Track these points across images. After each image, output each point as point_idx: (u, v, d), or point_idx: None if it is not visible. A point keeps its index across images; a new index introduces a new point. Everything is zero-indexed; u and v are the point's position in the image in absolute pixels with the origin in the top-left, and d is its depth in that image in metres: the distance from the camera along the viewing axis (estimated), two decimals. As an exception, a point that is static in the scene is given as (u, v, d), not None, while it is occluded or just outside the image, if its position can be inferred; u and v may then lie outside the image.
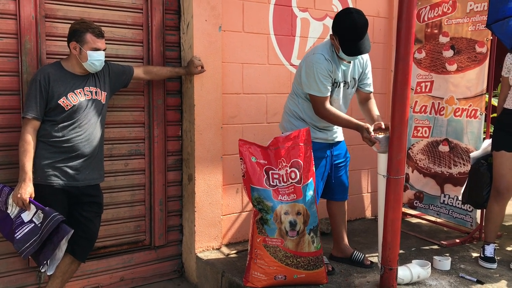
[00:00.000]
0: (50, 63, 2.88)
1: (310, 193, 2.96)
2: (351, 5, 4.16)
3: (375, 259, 3.44)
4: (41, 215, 2.69)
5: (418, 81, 4.39)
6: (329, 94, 2.98)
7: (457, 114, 4.04)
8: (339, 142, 3.28)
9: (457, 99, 4.04)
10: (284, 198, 2.92)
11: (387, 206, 2.81)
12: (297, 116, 3.14)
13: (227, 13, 3.53)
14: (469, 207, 3.94)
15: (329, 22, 4.05)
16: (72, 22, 2.93)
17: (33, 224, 2.71)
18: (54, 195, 2.78)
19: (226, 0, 3.51)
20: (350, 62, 3.08)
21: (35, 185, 2.71)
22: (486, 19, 3.61)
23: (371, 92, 3.28)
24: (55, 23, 3.06)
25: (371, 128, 2.89)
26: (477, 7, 3.86)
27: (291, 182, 2.93)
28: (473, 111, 3.90)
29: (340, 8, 4.10)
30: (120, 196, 3.41)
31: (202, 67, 3.36)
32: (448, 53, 4.10)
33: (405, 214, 4.60)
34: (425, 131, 4.32)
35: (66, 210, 2.84)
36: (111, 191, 3.34)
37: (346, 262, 3.34)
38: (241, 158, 2.98)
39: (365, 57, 3.20)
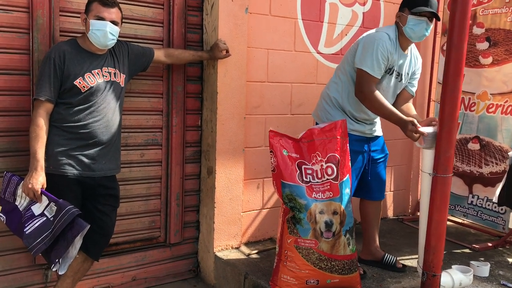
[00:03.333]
0: (65, 40, 2.61)
1: (346, 191, 2.72)
2: (381, -8, 3.92)
3: (406, 262, 3.22)
4: (54, 208, 2.42)
5: (447, 75, 4.15)
6: (379, 77, 2.77)
7: (490, 110, 3.82)
8: (377, 137, 3.05)
9: (491, 94, 3.82)
10: (319, 195, 2.68)
11: (432, 207, 2.57)
12: (335, 104, 2.91)
13: (254, -6, 3.27)
14: (501, 209, 3.74)
15: (358, 8, 3.81)
16: (88, -3, 2.67)
17: (45, 218, 2.44)
18: (67, 186, 2.51)
19: (254, -21, 3.25)
20: (406, 53, 2.92)
21: (47, 174, 2.44)
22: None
23: (413, 96, 3.10)
24: (70, -3, 2.79)
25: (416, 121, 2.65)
26: (518, -4, 3.63)
27: (327, 179, 2.68)
28: (510, 107, 3.68)
29: (369, -6, 3.86)
30: (134, 189, 3.15)
31: (227, 52, 3.10)
32: (483, 45, 3.87)
33: (428, 215, 4.39)
34: (453, 127, 4.09)
35: (80, 203, 2.58)
36: (125, 183, 3.07)
37: (376, 266, 3.11)
38: (271, 151, 2.73)
39: (419, 58, 3.07)
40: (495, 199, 3.57)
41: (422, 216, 2.71)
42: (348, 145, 2.75)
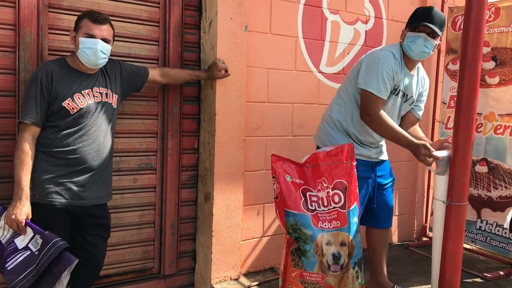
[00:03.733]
0: (53, 59, 2.44)
1: (354, 219, 2.54)
2: (383, 9, 3.80)
3: (416, 294, 3.04)
4: (40, 241, 2.22)
5: (452, 95, 4.03)
6: (385, 98, 2.60)
7: (498, 131, 3.68)
8: (383, 161, 2.89)
9: (498, 115, 3.68)
10: (325, 225, 2.50)
11: (446, 237, 2.40)
12: (339, 127, 2.74)
13: (253, 12, 3.13)
14: (512, 235, 3.57)
15: (360, 26, 3.69)
16: (79, 13, 2.52)
17: (29, 252, 2.24)
18: (55, 216, 2.32)
19: (253, -4, 3.12)
20: (412, 73, 2.78)
21: (32, 204, 2.25)
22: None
23: (419, 119, 2.96)
24: (60, 14, 2.63)
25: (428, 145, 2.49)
26: (525, 14, 3.53)
27: (334, 207, 2.51)
28: (519, 129, 3.54)
29: (372, 12, 3.74)
30: (126, 216, 2.95)
31: (226, 71, 2.95)
32: (489, 65, 3.75)
33: (434, 240, 4.21)
34: (459, 149, 3.95)
35: (68, 235, 2.39)
36: (117, 211, 2.88)
37: (385, 298, 2.92)
38: (273, 177, 2.55)
39: (426, 79, 2.93)
40: (506, 225, 3.42)
41: (435, 246, 2.53)
42: (355, 170, 2.58)
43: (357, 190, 2.59)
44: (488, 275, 3.39)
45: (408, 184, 4.16)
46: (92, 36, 2.32)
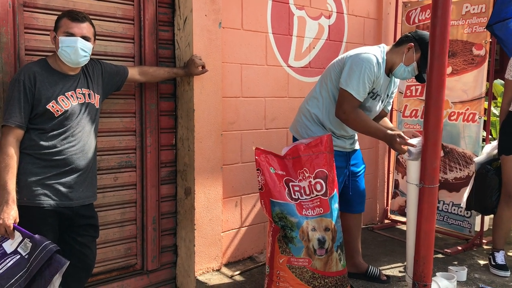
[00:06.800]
0: (34, 61, 2.40)
1: (335, 206, 2.70)
2: (344, 5, 3.97)
3: (387, 272, 3.26)
4: (29, 245, 2.20)
5: (407, 85, 4.29)
6: (362, 101, 2.73)
7: (452, 118, 3.97)
8: (355, 150, 3.05)
9: (452, 102, 3.97)
10: (309, 212, 2.63)
11: (420, 217, 2.60)
12: (316, 120, 2.87)
13: (226, 8, 3.20)
14: (467, 213, 3.87)
15: (324, 21, 3.84)
16: (54, 12, 2.50)
17: (19, 256, 2.21)
18: (44, 218, 2.31)
19: (225, -7, 3.19)
20: (389, 76, 2.92)
21: (20, 207, 2.23)
22: (488, 20, 3.57)
23: (388, 113, 3.16)
24: (35, 13, 2.58)
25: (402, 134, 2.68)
26: (473, 9, 3.80)
27: (317, 195, 2.65)
28: (471, 115, 3.83)
29: (334, 8, 3.90)
30: (109, 215, 2.95)
31: (204, 67, 3.00)
32: (442, 56, 4.01)
33: (395, 222, 4.48)
34: (416, 135, 4.21)
35: (57, 236, 2.38)
36: (99, 210, 2.86)
37: (361, 278, 3.11)
38: (258, 169, 2.66)
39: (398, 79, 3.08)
40: (462, 204, 3.70)
41: (410, 226, 2.72)
42: (334, 160, 2.73)
43: (337, 178, 2.74)
44: (448, 251, 3.67)
45: (370, 170, 4.39)
46: (71, 34, 2.30)
